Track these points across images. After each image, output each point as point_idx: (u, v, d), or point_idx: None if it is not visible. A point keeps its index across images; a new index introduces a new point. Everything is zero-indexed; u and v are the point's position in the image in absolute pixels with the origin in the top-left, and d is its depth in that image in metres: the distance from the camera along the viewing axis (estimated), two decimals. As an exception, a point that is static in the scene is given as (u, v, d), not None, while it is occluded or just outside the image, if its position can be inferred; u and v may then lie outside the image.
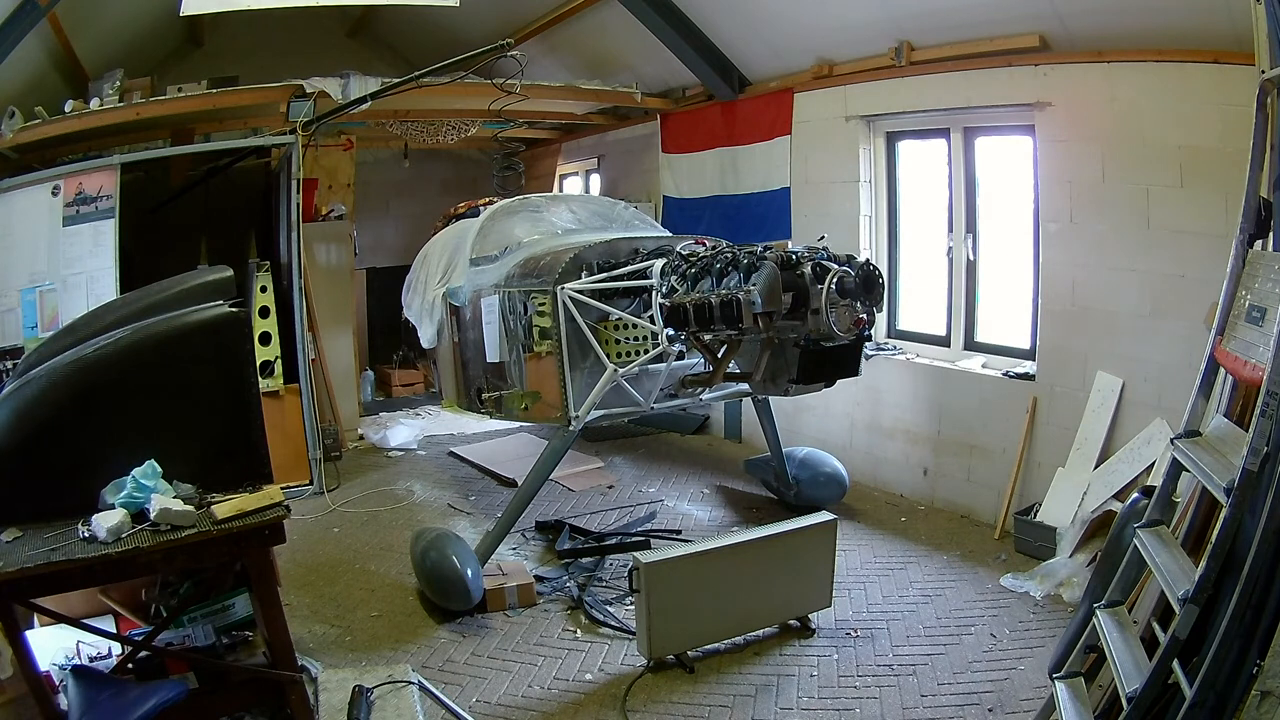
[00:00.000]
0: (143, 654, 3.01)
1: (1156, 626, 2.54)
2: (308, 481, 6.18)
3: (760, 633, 4.00)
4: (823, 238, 4.22)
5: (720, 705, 3.50)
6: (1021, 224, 5.20)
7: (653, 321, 4.31)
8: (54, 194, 5.75)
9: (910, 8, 5.19)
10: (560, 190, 9.70)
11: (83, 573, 2.53)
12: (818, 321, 3.75)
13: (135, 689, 2.74)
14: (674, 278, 4.19)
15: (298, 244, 6.10)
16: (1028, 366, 5.14)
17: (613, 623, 4.18)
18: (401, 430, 7.70)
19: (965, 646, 3.88)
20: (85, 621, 2.94)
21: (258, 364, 5.66)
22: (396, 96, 6.32)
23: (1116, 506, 4.13)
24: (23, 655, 2.55)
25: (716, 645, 3.91)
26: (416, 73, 5.75)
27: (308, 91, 6.14)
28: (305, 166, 6.27)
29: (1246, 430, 2.23)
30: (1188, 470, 2.54)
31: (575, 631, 4.16)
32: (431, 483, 6.52)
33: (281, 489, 2.87)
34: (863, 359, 4.31)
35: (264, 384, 5.68)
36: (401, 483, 6.50)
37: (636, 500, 5.94)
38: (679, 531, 5.29)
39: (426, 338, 5.95)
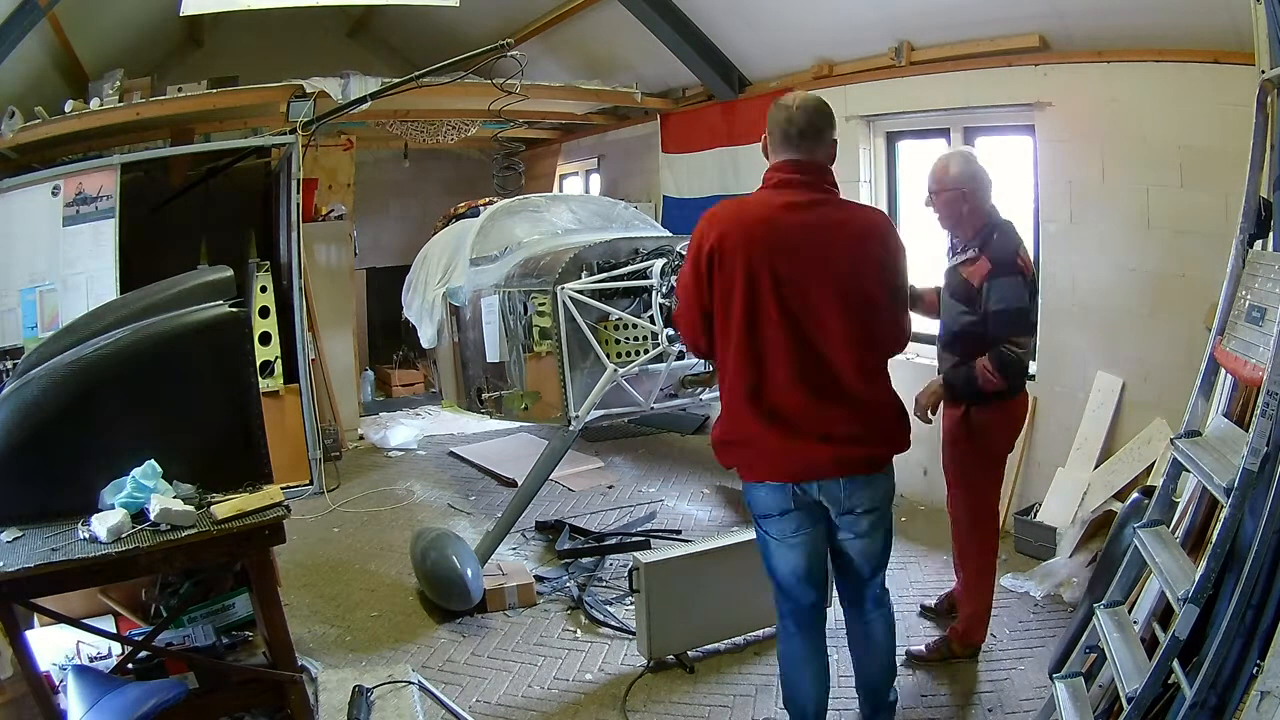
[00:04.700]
0: (143, 654, 3.01)
1: (1156, 626, 2.55)
2: (308, 481, 6.18)
3: (760, 633, 3.98)
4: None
5: (720, 705, 3.50)
6: (1021, 224, 5.18)
7: (653, 321, 4.31)
8: (54, 194, 5.74)
9: (910, 8, 5.19)
10: (560, 190, 9.70)
11: (83, 573, 2.52)
12: (817, 321, 3.74)
13: (135, 689, 2.73)
14: (674, 278, 4.19)
15: (298, 244, 6.10)
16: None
17: (613, 623, 4.18)
18: (401, 430, 7.70)
19: (965, 646, 3.87)
20: (85, 621, 2.93)
21: (258, 364, 5.65)
22: (396, 96, 6.31)
23: (1116, 506, 4.13)
24: (23, 655, 2.54)
25: (716, 645, 3.90)
26: (416, 73, 5.75)
27: (308, 91, 6.14)
28: (305, 166, 6.26)
29: (1246, 430, 2.24)
30: (1188, 470, 2.54)
31: (575, 631, 4.15)
32: (431, 483, 6.52)
33: (281, 489, 2.86)
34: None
35: (264, 384, 5.68)
36: (401, 483, 6.50)
37: (636, 500, 5.93)
38: (679, 531, 5.28)
39: (426, 338, 5.94)
